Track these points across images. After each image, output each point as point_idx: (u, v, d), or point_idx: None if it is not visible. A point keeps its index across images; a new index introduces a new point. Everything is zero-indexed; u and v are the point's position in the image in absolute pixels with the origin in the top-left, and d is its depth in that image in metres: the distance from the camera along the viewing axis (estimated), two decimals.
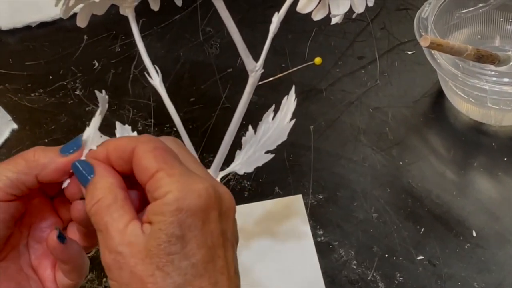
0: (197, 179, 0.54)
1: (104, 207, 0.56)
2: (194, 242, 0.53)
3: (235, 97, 0.68)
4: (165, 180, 0.54)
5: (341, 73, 1.06)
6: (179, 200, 0.53)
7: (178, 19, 1.15)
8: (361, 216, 0.90)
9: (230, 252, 0.56)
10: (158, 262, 0.53)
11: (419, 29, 0.95)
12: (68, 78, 1.07)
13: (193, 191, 0.53)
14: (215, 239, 0.55)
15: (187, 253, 0.53)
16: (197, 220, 0.53)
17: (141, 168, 0.55)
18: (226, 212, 0.56)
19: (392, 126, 0.99)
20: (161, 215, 0.53)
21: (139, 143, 0.56)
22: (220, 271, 0.55)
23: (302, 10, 0.65)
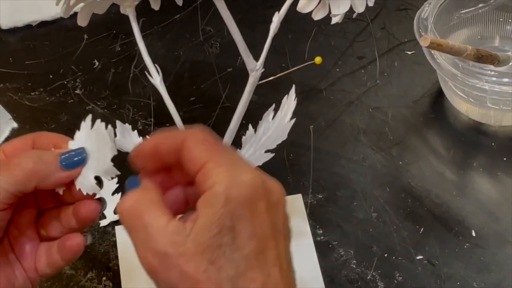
0: (245, 170, 0.54)
1: (142, 208, 0.55)
2: (244, 233, 0.52)
3: (235, 96, 0.68)
4: (214, 170, 0.53)
5: (341, 73, 1.06)
6: (228, 190, 0.52)
7: (179, 19, 1.15)
8: (361, 216, 0.90)
9: (282, 244, 0.55)
10: (211, 256, 0.52)
11: (419, 29, 0.95)
12: (68, 77, 1.07)
13: (241, 181, 0.53)
14: (265, 230, 0.53)
15: (238, 244, 0.52)
16: (246, 211, 0.53)
17: (190, 159, 0.55)
18: (275, 204, 0.55)
19: (392, 126, 0.99)
20: (211, 207, 0.52)
21: (189, 134, 0.56)
22: (273, 262, 0.53)
23: (302, 9, 0.65)
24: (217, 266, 0.52)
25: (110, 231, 0.90)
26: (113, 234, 0.89)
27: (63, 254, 0.63)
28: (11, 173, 0.59)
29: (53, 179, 0.60)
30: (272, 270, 0.53)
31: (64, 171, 0.60)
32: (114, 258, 0.87)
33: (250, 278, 0.52)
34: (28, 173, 0.59)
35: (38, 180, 0.60)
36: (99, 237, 0.89)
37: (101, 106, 1.03)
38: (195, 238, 0.52)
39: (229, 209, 0.52)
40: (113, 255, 0.87)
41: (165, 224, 0.53)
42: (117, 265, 0.86)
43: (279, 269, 0.54)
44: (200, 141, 0.55)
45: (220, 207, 0.52)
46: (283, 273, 0.54)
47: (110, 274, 0.86)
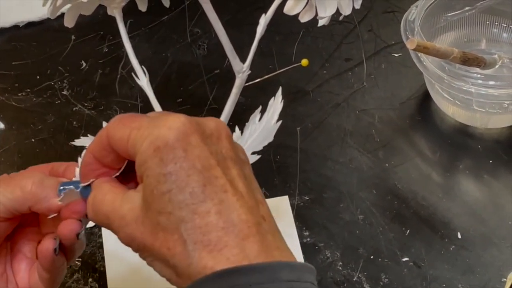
0: (166, 117, 0.54)
1: (99, 203, 0.56)
2: (182, 172, 0.52)
3: (222, 98, 0.69)
4: (137, 135, 0.53)
5: (328, 75, 1.07)
6: (154, 141, 0.52)
7: (166, 20, 1.15)
8: (347, 218, 0.90)
9: (233, 169, 0.54)
10: (157, 207, 0.52)
11: (406, 31, 0.96)
12: (55, 78, 1.07)
13: (163, 127, 0.53)
14: (205, 161, 0.53)
15: (180, 184, 0.52)
16: (177, 151, 0.52)
17: (118, 144, 0.55)
18: (212, 134, 0.54)
19: (378, 128, 0.99)
20: (144, 164, 0.53)
21: (108, 127, 0.56)
22: (222, 189, 0.52)
23: (289, 11, 0.66)
24: (167, 213, 0.52)
25: (96, 233, 0.90)
26: (99, 236, 0.89)
27: (40, 262, 0.63)
28: (11, 189, 0.60)
29: (47, 204, 0.61)
30: (224, 196, 0.52)
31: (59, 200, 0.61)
32: (101, 260, 0.87)
33: (203, 212, 0.51)
34: (26, 192, 0.60)
35: (32, 201, 0.60)
36: (86, 239, 0.89)
37: (88, 107, 1.03)
38: (142, 197, 0.53)
39: (160, 157, 0.52)
40: (99, 257, 0.87)
41: (119, 202, 0.55)
42: (103, 267, 0.86)
43: (233, 193, 0.53)
44: (117, 124, 0.55)
45: (150, 160, 0.52)
46: (238, 195, 0.53)
47: (96, 275, 0.86)
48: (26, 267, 0.65)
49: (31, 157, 0.98)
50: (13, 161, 0.97)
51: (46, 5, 0.66)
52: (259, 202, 0.55)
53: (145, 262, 0.66)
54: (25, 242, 0.65)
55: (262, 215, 0.54)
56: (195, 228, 0.51)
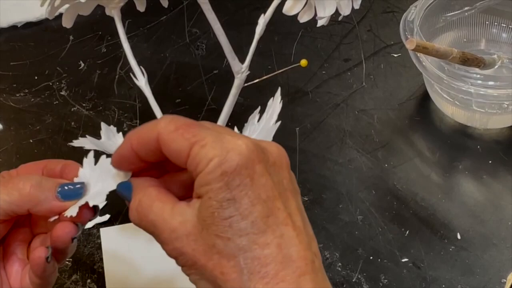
0: (232, 138, 0.53)
1: (144, 207, 0.55)
2: (247, 200, 0.52)
3: (221, 98, 0.68)
4: (201, 152, 0.52)
5: (327, 75, 1.06)
6: (221, 165, 0.52)
7: (165, 20, 1.15)
8: (346, 218, 0.90)
9: (292, 201, 0.54)
10: (216, 230, 0.52)
11: (405, 32, 0.95)
12: (53, 79, 1.07)
13: (231, 150, 0.52)
14: (269, 191, 0.53)
15: (243, 212, 0.51)
16: (244, 178, 0.52)
17: (174, 154, 0.54)
18: (275, 163, 0.54)
19: (377, 128, 0.99)
20: (207, 185, 0.52)
21: (160, 128, 0.54)
22: (284, 222, 0.53)
23: (288, 12, 0.65)
24: (225, 238, 0.51)
25: (94, 233, 0.89)
26: (97, 236, 0.89)
27: (31, 267, 0.63)
28: (8, 191, 0.60)
29: (46, 206, 0.60)
30: (285, 230, 0.52)
31: (59, 201, 0.61)
32: (99, 261, 0.87)
33: (263, 243, 0.51)
34: (24, 195, 0.60)
35: (32, 204, 0.60)
36: (84, 239, 0.89)
37: (86, 108, 1.03)
38: (199, 215, 0.52)
39: (226, 182, 0.51)
40: (97, 257, 0.87)
41: (169, 213, 0.54)
42: (101, 268, 0.86)
43: (292, 227, 0.53)
44: (173, 131, 0.54)
45: (216, 182, 0.52)
46: (297, 230, 0.53)
47: (95, 276, 0.86)
48: (18, 268, 0.64)
49: (29, 157, 0.97)
50: (11, 162, 0.97)
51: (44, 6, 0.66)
52: (312, 238, 0.55)
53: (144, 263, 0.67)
54: (17, 244, 0.65)
55: (315, 252, 0.54)
56: (253, 258, 0.51)
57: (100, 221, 0.90)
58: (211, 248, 0.52)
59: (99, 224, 0.90)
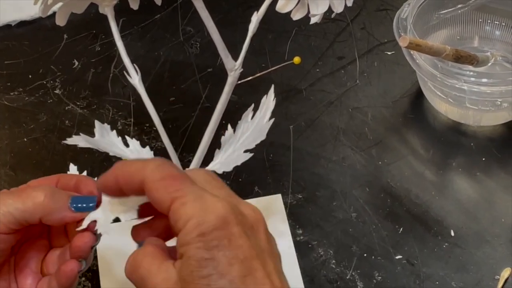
0: (212, 200, 0.55)
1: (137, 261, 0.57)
2: (224, 259, 0.53)
3: (215, 96, 0.69)
4: (181, 210, 0.54)
5: (321, 73, 1.06)
6: (200, 226, 0.53)
7: (159, 19, 1.15)
8: (340, 216, 0.90)
9: (270, 262, 0.55)
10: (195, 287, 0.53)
11: (399, 29, 0.96)
12: (47, 77, 1.07)
13: (210, 212, 0.54)
14: (247, 252, 0.54)
15: (221, 271, 0.53)
16: (221, 239, 0.53)
17: (156, 202, 0.56)
18: (251, 226, 0.56)
19: (371, 126, 0.99)
20: (187, 245, 0.54)
21: (146, 173, 0.56)
22: (262, 282, 0.54)
23: (281, 9, 0.65)
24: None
25: None
26: None
27: (59, 280, 0.63)
28: (22, 200, 0.61)
29: (58, 216, 0.62)
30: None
31: (71, 212, 0.62)
32: (93, 259, 0.87)
33: None
34: (38, 204, 0.61)
35: (44, 213, 0.61)
36: None
37: (81, 106, 1.03)
38: (180, 273, 0.54)
39: (204, 242, 0.53)
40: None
41: (156, 269, 0.56)
42: (96, 266, 0.86)
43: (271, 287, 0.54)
44: (158, 180, 0.56)
45: (194, 242, 0.53)
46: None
47: (89, 274, 0.86)
48: (32, 282, 0.65)
49: (23, 156, 0.98)
50: (5, 161, 0.97)
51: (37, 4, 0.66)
52: None
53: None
54: (31, 256, 0.65)
55: None
56: None
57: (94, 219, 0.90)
58: None
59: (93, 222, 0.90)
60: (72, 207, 0.62)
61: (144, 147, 0.74)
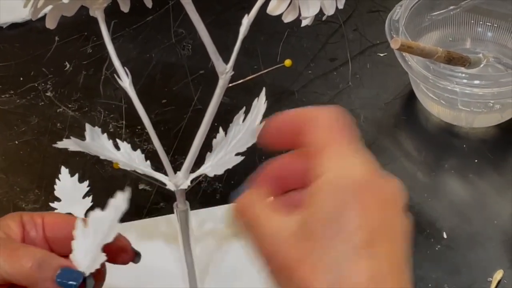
0: (360, 162, 0.53)
1: (250, 206, 0.57)
2: (352, 223, 0.51)
3: (207, 98, 0.68)
4: (329, 158, 0.53)
5: (313, 75, 1.06)
6: (340, 179, 0.52)
7: (150, 21, 1.15)
8: None
9: (398, 241, 0.53)
10: (315, 244, 0.51)
11: (391, 31, 0.95)
12: (39, 80, 1.07)
13: (356, 171, 0.52)
14: (375, 224, 0.51)
15: (346, 234, 0.51)
16: (355, 202, 0.51)
17: (311, 139, 0.55)
18: (386, 201, 0.53)
19: (364, 128, 0.99)
20: (320, 193, 0.52)
21: (322, 113, 0.55)
22: (384, 258, 0.51)
23: (272, 12, 0.65)
24: (321, 254, 0.50)
25: None
26: None
27: None
28: (11, 262, 0.60)
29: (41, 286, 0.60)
30: (383, 266, 0.51)
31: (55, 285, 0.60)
32: None
33: (356, 271, 0.50)
34: (24, 272, 0.59)
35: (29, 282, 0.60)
36: None
37: (72, 109, 1.02)
38: (301, 224, 0.52)
39: (337, 199, 0.51)
40: None
41: (271, 216, 0.54)
42: None
43: (390, 265, 0.51)
44: (328, 123, 0.55)
45: (328, 194, 0.51)
46: (396, 270, 0.52)
47: None
48: None
49: (14, 159, 0.97)
50: None
51: (28, 7, 0.66)
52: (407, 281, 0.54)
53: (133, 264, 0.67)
54: None
55: None
56: (342, 282, 0.50)
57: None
58: (305, 259, 0.51)
59: None
60: (57, 281, 0.60)
61: (135, 149, 0.73)
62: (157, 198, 0.93)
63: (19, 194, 0.93)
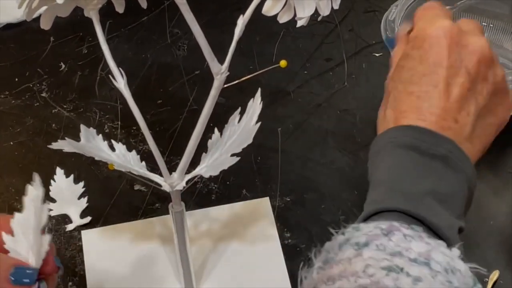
0: (446, 20, 0.70)
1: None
2: (417, 57, 0.69)
3: (202, 99, 0.68)
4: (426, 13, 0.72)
5: (309, 75, 1.06)
6: (419, 30, 0.70)
7: (146, 21, 1.14)
8: (329, 219, 0.90)
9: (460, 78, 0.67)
10: (394, 70, 0.72)
11: (386, 31, 0.95)
12: (34, 80, 1.06)
13: (436, 25, 0.69)
14: (439, 59, 0.67)
15: (410, 65, 0.69)
16: (426, 43, 0.68)
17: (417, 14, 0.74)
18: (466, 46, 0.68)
19: (360, 128, 0.99)
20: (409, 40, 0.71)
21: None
22: (436, 85, 0.67)
23: (267, 12, 0.65)
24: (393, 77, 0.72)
25: (76, 236, 0.89)
26: (79, 239, 0.89)
27: None
28: None
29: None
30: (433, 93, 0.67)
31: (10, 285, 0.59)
32: (80, 263, 0.86)
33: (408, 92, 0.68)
34: None
35: None
36: (65, 242, 0.89)
37: (67, 109, 1.02)
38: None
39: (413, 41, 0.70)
40: (79, 260, 0.87)
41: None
42: (83, 270, 0.86)
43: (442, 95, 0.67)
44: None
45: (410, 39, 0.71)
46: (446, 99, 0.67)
47: (76, 279, 0.85)
48: None
49: (9, 160, 0.97)
50: None
51: (22, 7, 0.65)
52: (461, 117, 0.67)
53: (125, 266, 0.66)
54: None
55: (456, 118, 0.67)
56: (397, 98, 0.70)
57: (82, 223, 0.90)
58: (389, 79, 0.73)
59: (80, 226, 0.90)
60: (12, 281, 0.58)
61: (131, 150, 0.73)
62: (153, 199, 0.93)
63: (14, 195, 0.93)
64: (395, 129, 0.68)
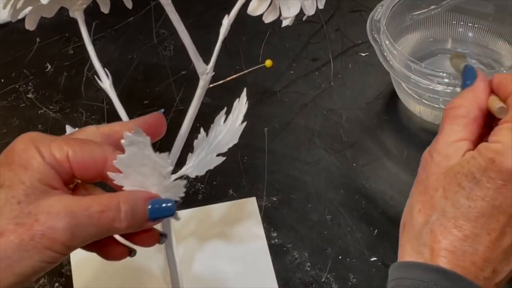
0: None
1: (451, 115, 0.66)
2: (483, 192, 0.60)
3: (189, 99, 0.68)
4: (504, 131, 0.62)
5: (295, 75, 1.06)
6: (497, 153, 0.60)
7: (132, 21, 1.14)
8: (315, 218, 0.90)
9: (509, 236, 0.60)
10: (446, 185, 0.62)
11: (372, 31, 0.96)
12: (20, 81, 1.06)
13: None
14: (505, 206, 0.60)
15: (472, 195, 0.60)
16: (498, 179, 0.60)
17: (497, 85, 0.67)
18: None
19: (346, 128, 0.99)
20: (478, 154, 0.61)
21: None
22: (490, 235, 0.60)
23: (252, 12, 0.65)
24: (446, 195, 0.62)
25: None
26: None
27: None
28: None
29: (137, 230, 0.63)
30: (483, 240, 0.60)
31: (149, 222, 0.63)
32: (67, 264, 0.86)
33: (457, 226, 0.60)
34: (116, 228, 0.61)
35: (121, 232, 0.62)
36: None
37: (54, 110, 1.02)
38: (454, 164, 0.62)
39: (486, 167, 0.60)
40: (65, 261, 0.86)
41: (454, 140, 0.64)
42: (69, 271, 0.86)
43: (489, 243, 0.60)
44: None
45: (482, 159, 0.60)
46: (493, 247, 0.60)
47: (63, 280, 0.85)
48: None
49: None
50: None
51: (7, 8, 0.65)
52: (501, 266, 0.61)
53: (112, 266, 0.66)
54: None
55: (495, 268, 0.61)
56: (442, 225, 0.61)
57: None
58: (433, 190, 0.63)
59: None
60: (151, 218, 0.62)
61: None
62: None
63: None
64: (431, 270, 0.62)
